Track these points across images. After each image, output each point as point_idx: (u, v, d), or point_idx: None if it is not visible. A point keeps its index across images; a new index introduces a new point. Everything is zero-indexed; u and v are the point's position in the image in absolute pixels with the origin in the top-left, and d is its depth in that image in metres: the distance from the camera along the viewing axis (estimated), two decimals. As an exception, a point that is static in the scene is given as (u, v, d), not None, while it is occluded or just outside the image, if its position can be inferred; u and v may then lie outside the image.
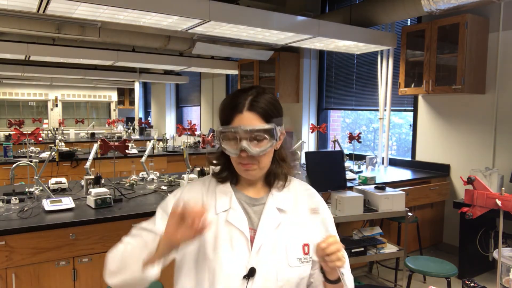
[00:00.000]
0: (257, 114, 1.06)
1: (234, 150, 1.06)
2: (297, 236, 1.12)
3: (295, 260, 1.09)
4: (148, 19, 2.97)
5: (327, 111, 5.91)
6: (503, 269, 2.63)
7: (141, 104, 12.23)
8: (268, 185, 1.16)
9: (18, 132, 3.80)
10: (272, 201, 1.13)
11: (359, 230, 3.12)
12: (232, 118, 1.06)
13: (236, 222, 1.08)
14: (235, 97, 1.09)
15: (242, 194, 1.13)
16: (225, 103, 1.10)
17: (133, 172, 3.71)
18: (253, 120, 1.06)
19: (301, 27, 3.45)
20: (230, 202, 1.10)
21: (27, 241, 2.24)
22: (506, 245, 3.55)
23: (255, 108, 1.07)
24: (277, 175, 1.15)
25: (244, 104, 1.06)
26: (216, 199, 1.11)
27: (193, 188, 1.16)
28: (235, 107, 1.06)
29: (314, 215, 1.16)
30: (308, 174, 2.95)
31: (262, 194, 1.15)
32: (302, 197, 1.19)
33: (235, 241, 1.06)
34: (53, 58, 5.25)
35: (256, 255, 1.06)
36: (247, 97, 1.08)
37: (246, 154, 1.05)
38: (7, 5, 2.71)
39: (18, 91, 10.15)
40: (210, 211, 1.08)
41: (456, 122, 4.16)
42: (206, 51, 5.07)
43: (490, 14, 3.78)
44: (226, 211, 1.09)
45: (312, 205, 1.18)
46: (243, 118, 1.06)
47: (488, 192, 1.97)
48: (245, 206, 1.12)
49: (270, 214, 1.11)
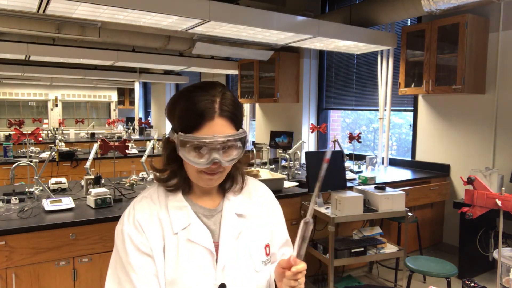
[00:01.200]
0: (228, 120, 0.94)
1: (203, 161, 0.93)
2: (259, 239, 1.07)
3: (260, 264, 1.05)
4: (148, 19, 2.97)
5: (327, 111, 5.91)
6: (503, 269, 2.63)
7: (141, 104, 12.23)
8: (223, 190, 1.07)
9: (18, 132, 3.80)
10: (229, 208, 1.04)
11: (359, 230, 3.13)
12: (200, 125, 0.92)
13: (200, 240, 0.98)
14: (199, 97, 0.93)
15: (198, 207, 1.02)
16: (188, 105, 0.94)
17: (133, 172, 3.71)
18: (226, 128, 0.93)
19: (301, 27, 3.45)
20: (188, 217, 0.99)
21: (27, 241, 2.24)
22: (506, 245, 3.55)
23: (225, 112, 0.94)
24: (235, 178, 1.06)
25: (214, 109, 0.92)
26: (170, 215, 0.99)
27: (144, 207, 1.00)
28: (204, 113, 0.92)
29: None
30: (308, 174, 2.95)
31: (218, 201, 1.06)
32: (255, 194, 1.12)
33: (200, 260, 0.97)
34: (53, 58, 5.25)
35: (223, 271, 0.99)
36: (215, 99, 0.94)
37: (217, 165, 0.94)
38: (7, 5, 2.71)
39: (18, 91, 10.15)
40: (167, 231, 0.97)
41: (456, 122, 4.16)
42: (206, 51, 5.07)
43: (490, 14, 3.78)
44: (186, 229, 0.98)
45: (264, 198, 1.13)
46: (215, 126, 0.92)
47: (488, 192, 1.97)
48: (203, 220, 1.01)
49: (229, 222, 1.03)
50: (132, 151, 5.57)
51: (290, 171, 3.85)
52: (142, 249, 0.96)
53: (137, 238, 0.96)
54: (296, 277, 0.92)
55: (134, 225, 0.98)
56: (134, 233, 0.97)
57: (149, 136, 8.31)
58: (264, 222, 1.10)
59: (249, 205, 1.09)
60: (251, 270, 1.03)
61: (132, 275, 0.94)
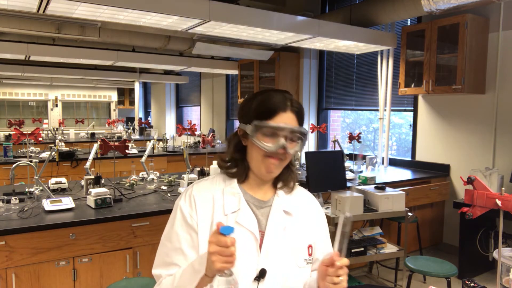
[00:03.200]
0: (295, 116, 1.09)
1: (272, 146, 1.04)
2: (303, 238, 1.13)
3: (302, 260, 1.11)
4: (148, 19, 2.97)
5: (327, 111, 5.91)
6: (503, 269, 2.63)
7: (141, 104, 12.23)
8: (275, 187, 1.17)
9: (18, 132, 3.79)
10: (278, 204, 1.13)
11: (359, 230, 3.12)
12: (274, 114, 1.06)
13: (246, 224, 1.07)
14: (275, 94, 1.09)
15: (249, 196, 1.12)
16: (265, 98, 1.09)
17: (133, 172, 3.71)
18: (293, 121, 1.08)
19: (301, 27, 3.45)
20: (239, 203, 1.09)
21: (27, 241, 2.24)
22: (506, 245, 3.55)
23: (295, 108, 1.09)
24: (286, 178, 1.16)
25: (287, 103, 1.08)
26: (224, 199, 1.09)
27: (202, 187, 1.13)
28: (279, 104, 1.06)
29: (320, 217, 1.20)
30: (308, 174, 2.95)
31: (269, 196, 1.15)
32: (303, 199, 1.21)
33: (245, 242, 1.05)
34: (53, 58, 5.24)
35: (266, 257, 1.06)
36: (287, 97, 1.10)
37: (283, 151, 1.05)
38: (7, 5, 2.71)
39: (18, 91, 10.15)
40: (218, 212, 1.08)
41: (456, 122, 4.16)
42: (206, 51, 5.07)
43: (490, 14, 3.78)
44: (235, 213, 1.08)
45: (313, 209, 1.21)
46: (286, 117, 1.06)
47: (488, 192, 1.97)
48: (253, 208, 1.10)
49: (277, 216, 1.11)
50: (132, 151, 5.57)
51: (290, 171, 3.84)
52: (188, 221, 1.07)
53: (187, 210, 1.08)
54: (338, 272, 0.95)
55: (189, 200, 1.10)
56: (186, 207, 1.09)
57: (149, 136, 8.31)
58: (309, 224, 1.17)
59: (297, 205, 1.17)
60: (293, 264, 1.09)
61: (175, 243, 1.06)
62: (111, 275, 2.49)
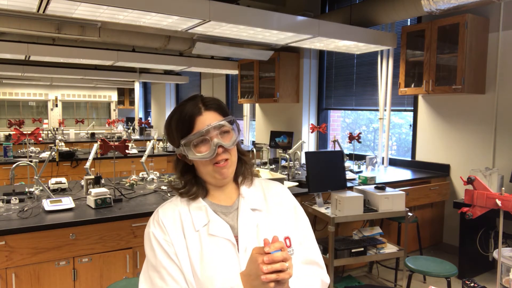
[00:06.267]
0: (215, 111, 1.09)
1: (209, 152, 1.06)
2: (278, 231, 1.12)
3: None
4: (148, 19, 2.97)
5: (327, 111, 5.91)
6: (503, 269, 2.63)
7: (141, 104, 12.23)
8: (237, 185, 1.17)
9: (18, 132, 3.80)
10: (244, 204, 1.13)
11: (359, 230, 3.13)
12: (193, 123, 1.07)
13: (220, 233, 1.07)
14: (185, 106, 1.09)
15: (216, 205, 1.13)
16: (177, 116, 1.09)
17: (133, 172, 3.71)
18: (215, 117, 1.08)
19: (301, 27, 3.45)
20: (207, 215, 1.09)
21: (27, 241, 2.24)
22: (506, 245, 3.55)
23: (210, 106, 1.09)
24: (243, 172, 1.17)
25: (199, 107, 1.08)
26: (192, 216, 1.09)
27: (167, 209, 1.12)
28: (192, 111, 1.07)
29: (292, 209, 1.18)
30: (308, 174, 2.95)
31: (234, 198, 1.15)
32: (271, 192, 1.20)
33: (223, 250, 1.06)
34: (53, 58, 5.24)
35: (246, 258, 1.03)
36: (197, 100, 1.10)
37: (222, 149, 1.06)
38: (7, 5, 2.71)
39: (18, 91, 10.16)
40: (188, 229, 1.08)
41: (456, 122, 4.16)
42: (206, 51, 5.07)
43: (490, 14, 3.78)
44: (206, 225, 1.08)
45: (278, 196, 1.20)
46: (204, 118, 1.07)
47: (488, 192, 1.97)
48: (222, 216, 1.11)
49: (246, 216, 1.11)
50: (132, 151, 5.57)
51: (290, 171, 3.85)
52: (165, 248, 1.05)
53: (160, 236, 1.07)
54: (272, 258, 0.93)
55: (158, 225, 1.09)
56: (158, 232, 1.08)
57: (149, 136, 8.31)
58: (282, 216, 1.16)
59: (263, 200, 1.17)
60: None
61: (161, 270, 1.04)
62: (111, 275, 2.49)
